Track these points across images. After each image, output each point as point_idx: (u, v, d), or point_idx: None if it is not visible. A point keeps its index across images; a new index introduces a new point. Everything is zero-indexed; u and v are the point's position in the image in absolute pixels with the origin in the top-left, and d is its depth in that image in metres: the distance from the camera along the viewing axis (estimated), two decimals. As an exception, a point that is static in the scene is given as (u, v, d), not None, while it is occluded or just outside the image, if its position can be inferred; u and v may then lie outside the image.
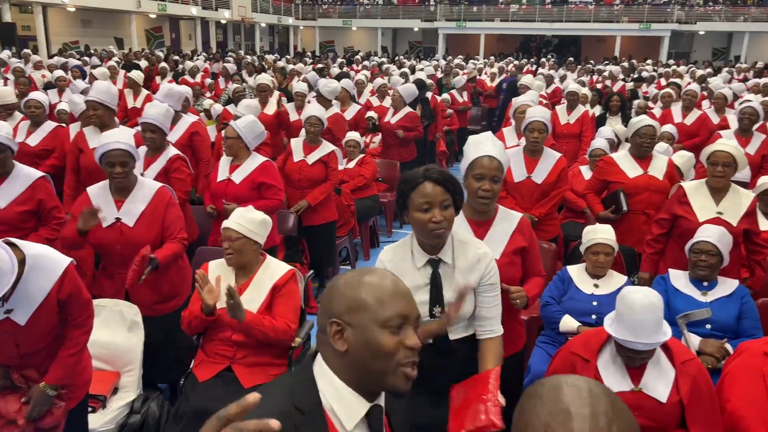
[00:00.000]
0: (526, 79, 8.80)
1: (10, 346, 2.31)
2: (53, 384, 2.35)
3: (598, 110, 7.70)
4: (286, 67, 13.71)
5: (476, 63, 17.32)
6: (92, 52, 18.46)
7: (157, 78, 11.51)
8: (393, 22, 34.26)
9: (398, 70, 13.11)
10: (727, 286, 3.07)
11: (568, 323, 3.10)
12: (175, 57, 17.32)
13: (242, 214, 2.84)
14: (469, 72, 13.28)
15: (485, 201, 2.42)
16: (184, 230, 3.28)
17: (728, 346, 2.85)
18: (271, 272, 2.87)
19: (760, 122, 5.52)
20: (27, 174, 3.37)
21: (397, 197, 2.11)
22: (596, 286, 3.21)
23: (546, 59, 20.65)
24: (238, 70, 12.41)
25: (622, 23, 30.79)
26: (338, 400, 1.24)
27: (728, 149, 3.34)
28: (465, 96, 10.20)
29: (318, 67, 14.57)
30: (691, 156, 4.97)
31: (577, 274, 3.28)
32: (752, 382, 2.21)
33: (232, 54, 20.09)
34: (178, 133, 4.78)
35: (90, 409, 2.73)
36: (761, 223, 3.57)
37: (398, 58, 20.41)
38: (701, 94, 8.81)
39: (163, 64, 12.49)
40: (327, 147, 4.86)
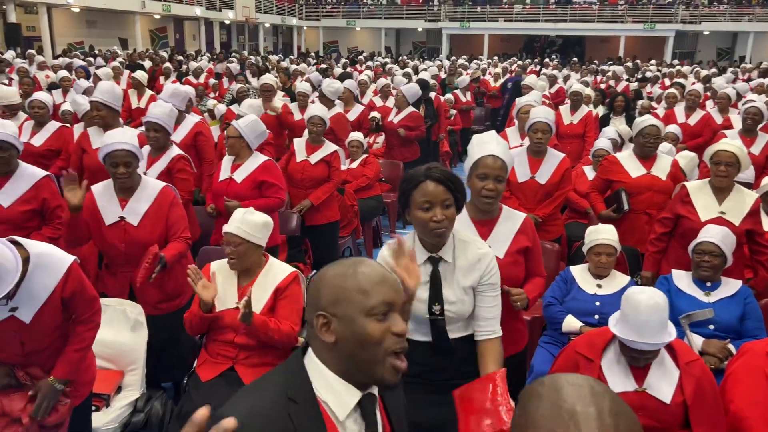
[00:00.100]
0: (529, 80, 8.78)
1: (15, 344, 2.32)
2: (61, 378, 2.37)
3: (601, 110, 7.68)
4: (289, 68, 13.73)
5: (479, 63, 17.29)
6: (97, 52, 18.49)
7: (160, 78, 11.53)
8: (397, 22, 34.25)
9: (401, 70, 13.10)
10: (730, 286, 3.06)
11: (571, 323, 3.10)
12: (179, 57, 17.34)
13: (243, 217, 2.80)
14: (473, 72, 13.26)
15: (489, 200, 2.41)
16: (188, 230, 3.29)
17: (731, 347, 2.84)
18: (273, 274, 2.86)
19: (765, 122, 5.50)
20: (31, 173, 3.38)
21: (399, 196, 2.11)
22: (599, 286, 3.21)
23: (550, 59, 20.62)
24: (242, 71, 12.42)
25: (626, 23, 30.71)
26: (329, 391, 1.24)
27: (731, 149, 3.33)
28: (468, 96, 10.19)
29: (321, 67, 14.59)
30: (694, 156, 4.96)
31: (580, 274, 3.28)
32: (755, 383, 2.21)
33: (235, 54, 20.12)
34: (182, 132, 4.80)
35: (94, 408, 2.75)
36: (765, 223, 3.56)
37: (402, 59, 20.40)
38: (705, 95, 8.79)
39: (167, 65, 12.53)
40: (330, 147, 4.87)
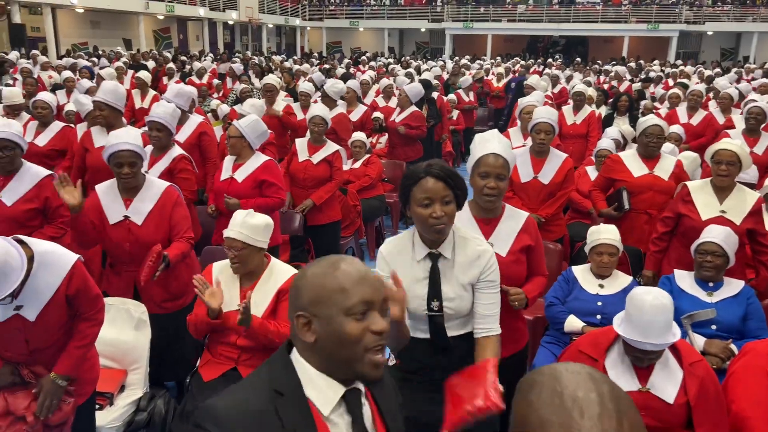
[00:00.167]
0: (531, 80, 8.79)
1: (20, 343, 2.33)
2: (63, 374, 2.38)
3: (604, 110, 7.68)
4: (292, 68, 13.75)
5: (482, 63, 17.28)
6: (101, 53, 18.55)
7: (164, 78, 11.55)
8: (400, 22, 34.24)
9: (404, 70, 13.11)
10: (732, 286, 3.05)
11: (573, 323, 3.10)
12: (182, 57, 17.38)
13: (244, 221, 2.77)
14: (476, 72, 13.27)
15: (490, 199, 2.42)
16: (191, 230, 3.30)
17: (733, 347, 2.83)
18: (275, 276, 2.86)
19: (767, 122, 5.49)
20: (35, 172, 3.41)
21: (400, 192, 2.12)
22: (601, 286, 3.20)
23: (553, 59, 20.60)
24: (245, 71, 12.45)
25: (630, 23, 30.64)
26: (313, 388, 1.26)
27: (732, 148, 3.33)
28: (471, 96, 10.19)
29: (324, 67, 14.60)
30: (696, 157, 4.96)
31: (582, 274, 3.28)
32: (757, 383, 2.21)
33: (239, 54, 20.15)
34: (186, 132, 4.83)
35: (97, 407, 2.76)
36: (767, 223, 3.55)
37: (405, 59, 20.40)
38: (707, 95, 8.77)
39: (170, 65, 12.55)
40: (331, 147, 4.88)
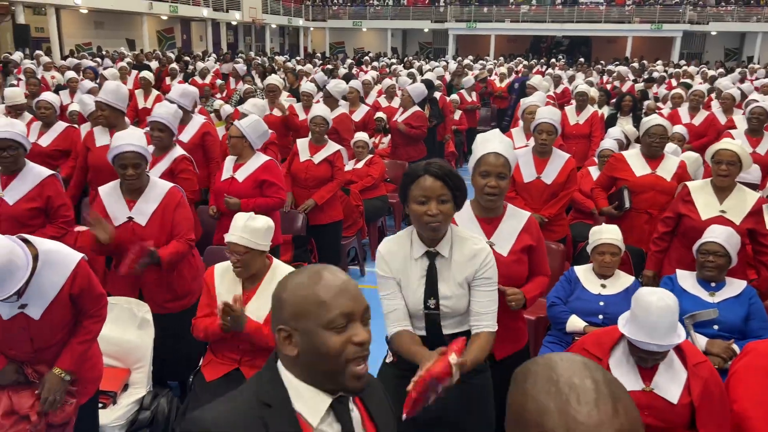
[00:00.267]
0: (533, 80, 8.79)
1: (24, 341, 2.35)
2: (66, 369, 2.39)
3: (606, 111, 7.67)
4: (295, 68, 13.78)
5: (485, 63, 17.27)
6: (104, 53, 18.59)
7: (167, 79, 11.58)
8: (403, 23, 34.23)
9: (406, 70, 13.12)
10: (734, 286, 3.06)
11: (575, 323, 3.10)
12: (185, 58, 17.41)
13: (246, 225, 2.74)
14: (480, 72, 13.26)
15: (491, 198, 2.42)
16: (192, 231, 3.30)
17: (735, 347, 2.83)
18: (277, 278, 2.81)
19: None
20: (37, 172, 3.43)
21: (400, 189, 2.13)
22: (603, 286, 3.20)
23: (556, 60, 20.57)
24: (248, 71, 12.47)
25: (633, 24, 30.57)
26: (300, 400, 1.25)
27: (733, 148, 3.33)
28: (474, 96, 10.19)
29: (327, 68, 14.62)
30: (697, 157, 4.95)
31: (584, 274, 3.28)
32: (759, 383, 2.20)
33: (242, 55, 20.18)
34: (190, 132, 4.85)
35: (101, 405, 2.78)
36: (769, 224, 3.54)
37: (407, 59, 20.40)
38: (710, 96, 8.75)
39: (173, 65, 12.57)
40: (332, 146, 4.90)
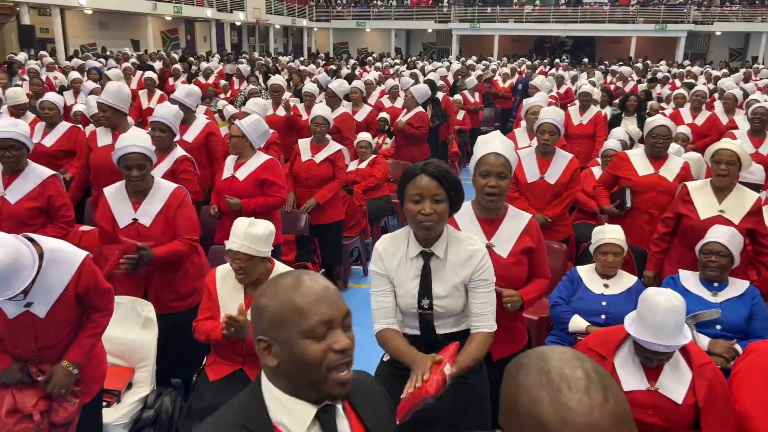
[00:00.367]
0: (536, 81, 8.79)
1: (29, 340, 2.37)
2: (74, 362, 2.41)
3: (608, 111, 7.66)
4: (298, 68, 13.82)
5: (488, 64, 17.25)
6: (109, 53, 18.65)
7: (170, 79, 11.61)
8: (406, 23, 34.21)
9: (408, 71, 13.12)
10: (737, 286, 3.05)
11: (578, 323, 3.10)
12: (189, 58, 17.45)
13: (247, 232, 2.72)
14: (484, 72, 13.26)
15: (492, 198, 2.43)
16: (194, 232, 3.29)
17: (738, 347, 2.83)
18: None
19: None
20: (39, 172, 3.46)
21: (398, 188, 2.14)
22: (606, 286, 3.21)
23: (560, 60, 20.54)
24: (252, 72, 12.49)
25: (637, 24, 30.49)
26: (284, 412, 1.22)
27: (732, 147, 3.32)
28: (477, 96, 10.19)
29: (331, 68, 14.65)
30: (699, 157, 4.94)
31: (587, 274, 3.28)
32: (761, 383, 2.21)
33: (245, 55, 20.22)
34: (194, 132, 4.89)
35: (105, 404, 2.79)
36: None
37: (411, 59, 20.40)
38: (713, 95, 8.72)
39: (176, 66, 12.60)
40: (334, 146, 4.91)
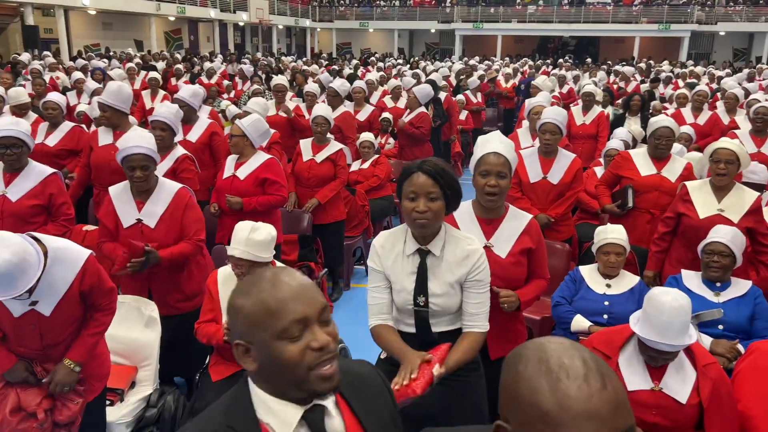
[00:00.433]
0: (537, 81, 8.80)
1: (34, 338, 2.38)
2: (76, 360, 2.42)
3: (610, 111, 7.65)
4: (300, 68, 13.85)
5: (490, 64, 17.25)
6: (112, 54, 18.70)
7: (172, 79, 11.64)
8: (410, 23, 34.19)
9: (410, 71, 13.13)
10: (740, 286, 3.05)
11: (580, 323, 3.11)
12: (193, 59, 17.48)
13: (249, 239, 2.72)
14: (488, 72, 13.26)
15: (492, 198, 2.43)
16: (202, 232, 3.29)
17: (740, 347, 2.83)
18: None
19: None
20: (40, 170, 3.48)
21: (396, 186, 2.14)
22: (608, 286, 3.21)
23: (563, 60, 20.51)
24: (255, 72, 12.52)
25: (641, 24, 30.41)
26: (269, 414, 1.19)
27: (731, 147, 3.33)
28: (479, 97, 10.20)
29: (333, 68, 14.67)
30: (701, 157, 4.93)
31: (589, 274, 3.28)
32: (763, 382, 2.21)
33: (248, 55, 20.25)
34: (198, 132, 4.91)
35: (108, 402, 2.80)
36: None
37: (414, 59, 20.40)
38: (715, 95, 8.70)
39: (179, 66, 12.64)
40: (335, 146, 4.92)
